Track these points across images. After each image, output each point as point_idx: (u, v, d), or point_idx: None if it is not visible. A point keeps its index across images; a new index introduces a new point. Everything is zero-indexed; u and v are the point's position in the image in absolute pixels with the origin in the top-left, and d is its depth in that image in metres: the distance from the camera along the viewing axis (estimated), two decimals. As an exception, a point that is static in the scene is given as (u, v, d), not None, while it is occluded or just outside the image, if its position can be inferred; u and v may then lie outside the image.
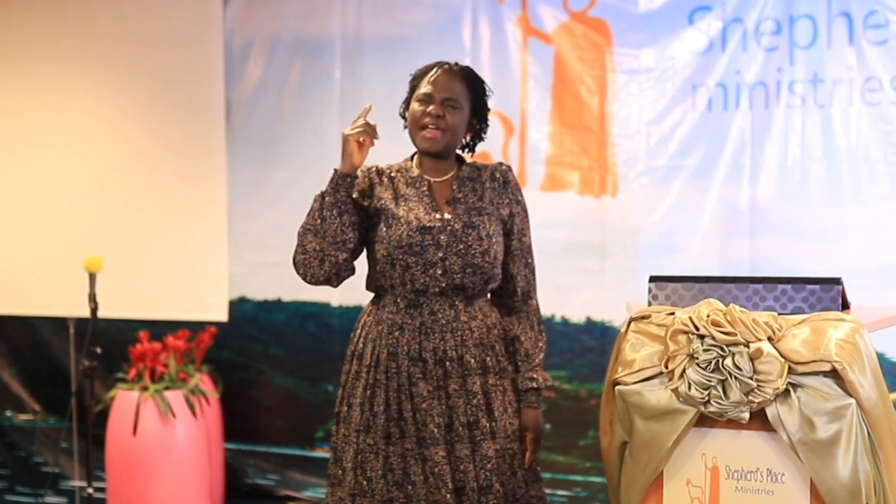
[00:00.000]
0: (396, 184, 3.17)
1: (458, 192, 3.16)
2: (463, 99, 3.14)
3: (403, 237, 3.05)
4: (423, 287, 3.06)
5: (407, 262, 3.05)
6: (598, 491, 4.94)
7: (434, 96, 3.11)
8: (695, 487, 2.53)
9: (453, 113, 3.10)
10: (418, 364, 3.06)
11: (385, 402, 3.07)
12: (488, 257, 3.10)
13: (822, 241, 4.59)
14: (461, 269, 3.07)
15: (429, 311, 3.08)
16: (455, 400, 3.06)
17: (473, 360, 3.09)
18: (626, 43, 4.91)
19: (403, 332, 3.08)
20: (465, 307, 3.11)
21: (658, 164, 4.85)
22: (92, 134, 5.85)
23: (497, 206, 3.18)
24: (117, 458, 5.12)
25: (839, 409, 2.35)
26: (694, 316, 2.46)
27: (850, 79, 4.54)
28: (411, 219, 3.08)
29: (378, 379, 3.08)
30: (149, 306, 5.69)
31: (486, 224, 3.12)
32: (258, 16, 5.56)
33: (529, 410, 3.17)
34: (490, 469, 3.05)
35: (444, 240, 3.07)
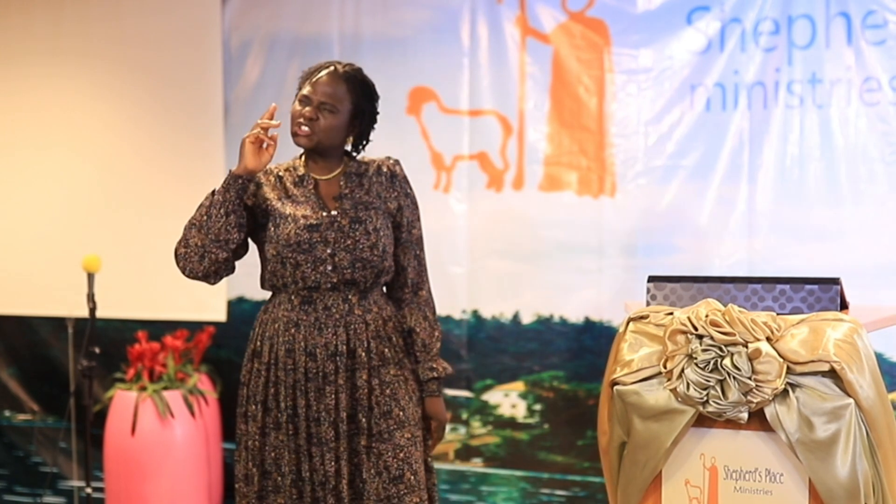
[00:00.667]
0: (284, 183, 3.23)
1: (345, 189, 3.21)
2: (342, 102, 3.18)
3: (291, 236, 3.11)
4: (315, 284, 3.12)
5: (297, 259, 3.11)
6: (597, 491, 4.94)
7: (312, 99, 3.17)
8: (693, 487, 2.53)
9: (328, 116, 3.16)
10: (312, 360, 3.11)
11: (284, 399, 3.12)
12: (377, 251, 3.16)
13: (820, 241, 4.59)
14: (350, 264, 3.12)
15: (322, 307, 3.14)
16: (340, 395, 3.11)
17: (366, 353, 3.14)
18: (624, 43, 4.91)
19: (299, 328, 3.14)
20: (358, 301, 3.17)
21: (656, 164, 4.85)
22: (90, 134, 5.84)
23: (385, 199, 3.23)
24: (116, 458, 5.12)
25: (838, 410, 2.35)
26: (692, 316, 2.46)
27: (849, 79, 4.54)
28: (298, 217, 3.13)
29: (278, 376, 3.14)
30: (147, 306, 5.69)
31: (372, 218, 3.18)
32: (256, 15, 5.56)
33: (433, 399, 3.27)
34: (402, 458, 3.13)
35: (332, 236, 3.12)
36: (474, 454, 5.19)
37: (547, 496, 5.06)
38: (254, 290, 5.59)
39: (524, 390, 5.09)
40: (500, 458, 5.15)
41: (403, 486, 3.13)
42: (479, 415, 5.17)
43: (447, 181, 5.15)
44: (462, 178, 5.15)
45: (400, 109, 5.20)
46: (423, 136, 5.17)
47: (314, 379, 3.11)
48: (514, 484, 5.08)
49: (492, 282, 5.13)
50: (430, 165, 5.16)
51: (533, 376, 5.06)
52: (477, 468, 5.19)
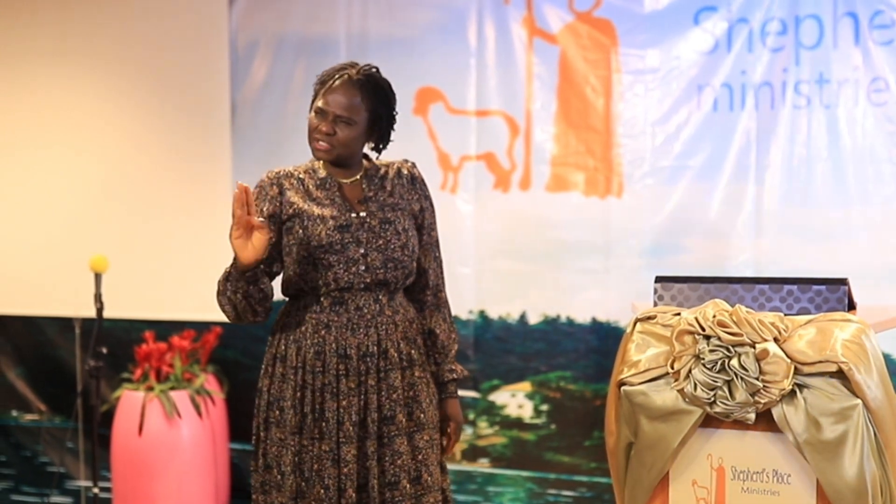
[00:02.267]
0: (306, 185, 3.20)
1: (368, 191, 3.20)
2: (357, 113, 3.13)
3: (323, 237, 3.09)
4: (348, 284, 3.10)
5: (329, 260, 3.09)
6: (604, 491, 4.94)
7: (327, 112, 3.12)
8: (700, 488, 2.53)
9: (345, 129, 3.11)
10: (344, 361, 3.09)
11: (312, 402, 3.10)
12: (407, 251, 3.16)
13: (827, 241, 4.58)
14: (383, 265, 3.11)
15: (354, 307, 3.12)
16: (370, 396, 3.09)
17: (398, 354, 3.14)
18: (631, 43, 4.90)
19: (330, 329, 3.11)
20: (388, 302, 3.16)
21: (663, 164, 4.85)
22: (97, 134, 5.85)
23: (408, 201, 3.23)
24: (123, 458, 5.13)
25: (845, 410, 2.34)
26: (700, 316, 2.46)
27: (856, 79, 4.53)
28: (327, 219, 3.11)
29: (306, 380, 3.11)
30: (154, 306, 5.69)
31: (400, 219, 3.17)
32: (263, 16, 5.56)
33: (452, 401, 3.29)
34: (420, 460, 3.13)
35: (364, 236, 3.11)
36: (481, 454, 5.19)
37: (553, 497, 5.06)
38: (261, 291, 5.61)
39: (531, 391, 5.09)
40: (506, 458, 5.15)
41: (421, 486, 3.13)
42: (486, 415, 5.17)
43: (454, 182, 5.15)
44: (469, 179, 5.15)
45: (407, 110, 5.19)
46: (430, 136, 5.18)
47: (343, 380, 3.09)
48: (521, 484, 5.08)
49: (499, 282, 5.13)
50: (437, 166, 5.16)
51: (540, 377, 5.06)
52: (484, 468, 5.19)
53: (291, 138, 5.51)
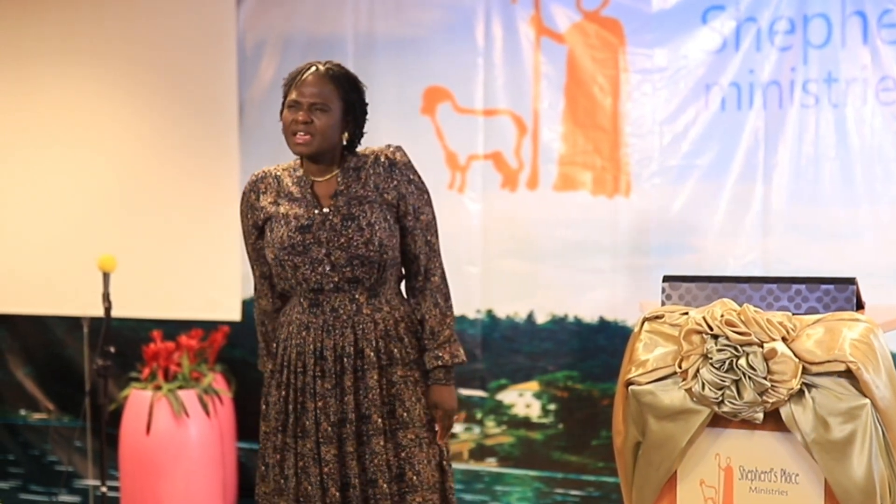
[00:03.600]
0: (282, 182, 3.21)
1: (341, 185, 3.17)
2: (332, 100, 3.13)
3: (285, 238, 3.11)
4: (318, 285, 3.10)
5: (294, 262, 3.10)
6: (611, 491, 4.94)
7: (301, 102, 3.12)
8: (708, 487, 2.53)
9: (321, 116, 3.11)
10: (321, 362, 3.12)
11: (294, 402, 3.13)
12: (372, 246, 3.09)
13: (836, 240, 4.58)
14: (348, 262, 3.09)
15: (330, 309, 3.12)
16: (347, 396, 3.10)
17: (374, 353, 3.11)
18: (639, 42, 4.90)
19: (309, 331, 3.13)
20: (367, 300, 3.14)
21: (671, 163, 4.85)
22: (104, 134, 5.86)
23: (382, 190, 3.16)
24: (131, 457, 5.13)
25: (854, 410, 2.34)
26: (708, 316, 2.45)
27: (865, 78, 4.52)
28: (290, 219, 3.13)
29: (289, 378, 3.15)
30: (162, 306, 5.70)
31: (367, 213, 3.12)
32: (271, 16, 5.57)
33: (437, 388, 3.18)
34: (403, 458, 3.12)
35: (325, 236, 3.10)
36: (488, 454, 5.19)
37: (561, 496, 5.05)
38: (268, 290, 5.62)
39: (538, 390, 5.09)
40: (514, 457, 5.14)
41: (404, 484, 3.12)
42: (494, 414, 5.17)
43: (462, 181, 5.15)
44: (476, 178, 5.14)
45: (414, 109, 5.20)
46: (438, 135, 5.18)
47: (323, 380, 3.11)
48: (529, 484, 5.08)
49: (506, 281, 5.13)
50: (444, 165, 5.16)
51: (547, 376, 5.06)
52: (491, 468, 5.18)
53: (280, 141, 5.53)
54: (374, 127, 5.28)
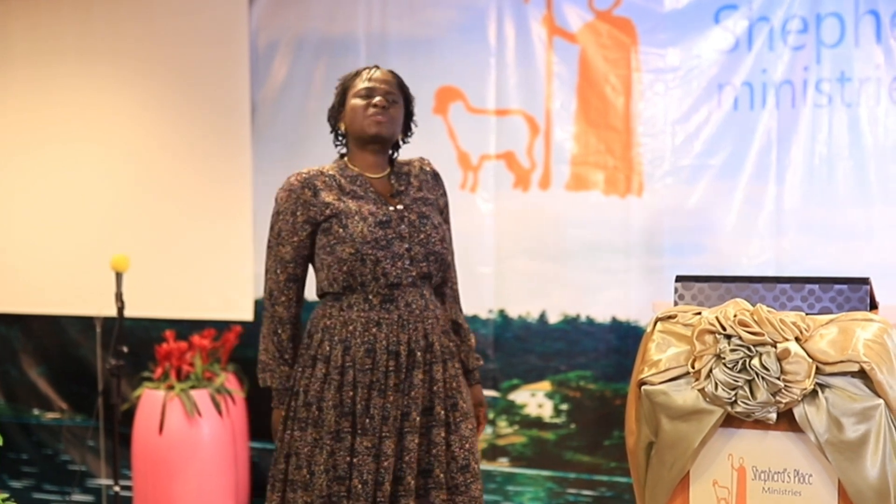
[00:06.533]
0: (338, 182, 3.21)
1: (399, 186, 3.23)
2: (399, 96, 3.25)
3: (366, 233, 3.11)
4: (397, 280, 3.13)
5: (376, 256, 3.11)
6: (624, 491, 4.93)
7: (376, 89, 3.20)
8: (721, 488, 2.52)
9: (395, 106, 3.22)
10: (394, 357, 3.12)
11: (363, 400, 3.11)
12: (445, 244, 3.23)
13: (849, 240, 4.57)
14: (425, 258, 3.16)
15: (404, 304, 3.15)
16: (418, 390, 3.13)
17: (440, 347, 3.18)
18: (651, 42, 4.89)
19: (381, 327, 3.13)
20: (430, 296, 3.22)
21: (684, 163, 4.84)
22: (117, 133, 5.87)
23: (435, 196, 3.30)
24: (143, 457, 5.14)
25: (867, 410, 2.33)
26: (721, 316, 2.45)
27: (878, 77, 4.51)
28: (366, 215, 3.14)
29: (356, 378, 3.12)
30: (175, 305, 5.71)
31: (433, 214, 3.24)
32: (284, 15, 5.57)
33: (478, 387, 3.39)
34: (468, 448, 3.17)
35: (405, 231, 3.15)
36: (501, 454, 5.19)
37: (574, 496, 5.05)
38: (281, 290, 5.62)
39: (551, 390, 5.09)
40: (526, 457, 5.14)
41: (470, 474, 3.17)
42: (506, 414, 5.17)
43: (474, 181, 5.15)
44: (489, 178, 5.14)
45: (427, 109, 5.19)
46: (450, 135, 5.18)
47: (392, 376, 3.12)
48: (541, 484, 5.08)
49: (518, 281, 5.13)
50: (456, 165, 5.16)
51: (559, 376, 5.06)
52: (503, 468, 5.18)
53: (311, 138, 5.53)
54: (386, 127, 5.34)
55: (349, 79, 3.28)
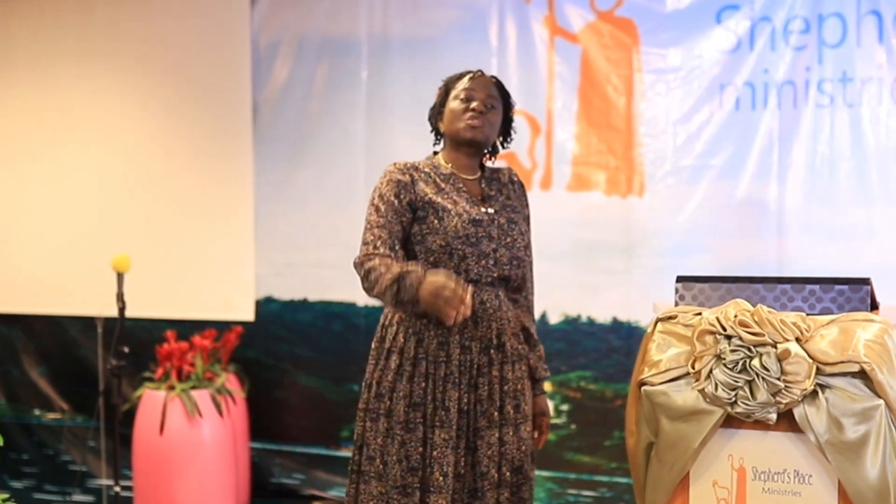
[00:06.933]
0: (433, 178, 3.23)
1: (489, 190, 3.29)
2: (498, 102, 3.28)
3: (459, 228, 3.15)
4: (477, 277, 3.16)
5: (464, 252, 3.14)
6: (624, 491, 4.93)
7: (475, 94, 3.23)
8: (721, 488, 2.52)
9: (492, 112, 3.25)
10: (467, 353, 3.15)
11: (433, 391, 3.13)
12: (529, 251, 3.31)
13: (850, 241, 4.56)
14: (509, 261, 3.20)
15: (479, 301, 3.17)
16: (494, 386, 3.17)
17: (512, 348, 3.22)
18: (653, 42, 4.89)
19: None
20: (504, 297, 3.25)
21: (685, 163, 4.84)
22: (119, 134, 5.88)
23: (522, 206, 3.35)
24: (144, 457, 5.14)
25: (868, 411, 2.33)
26: (721, 316, 2.45)
27: (880, 77, 4.51)
28: (461, 211, 3.17)
29: (428, 369, 3.15)
30: (176, 306, 5.72)
31: (520, 221, 3.29)
32: (285, 16, 5.58)
33: (544, 397, 3.40)
34: (524, 451, 3.20)
35: (495, 232, 3.19)
36: (502, 454, 5.18)
37: (574, 496, 5.05)
38: (282, 291, 5.64)
39: (551, 390, 5.08)
40: (527, 458, 5.13)
41: (521, 476, 3.19)
42: (507, 415, 5.15)
43: (475, 181, 5.14)
44: (490, 178, 5.13)
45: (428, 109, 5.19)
46: (451, 135, 5.17)
47: (466, 372, 3.14)
48: (541, 484, 5.07)
49: (519, 282, 5.12)
50: (457, 165, 5.15)
51: (560, 376, 5.05)
52: (504, 468, 5.17)
53: (313, 138, 5.54)
54: (388, 127, 5.35)
55: (452, 80, 3.32)
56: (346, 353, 5.49)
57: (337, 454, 5.54)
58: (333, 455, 5.56)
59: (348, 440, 5.44)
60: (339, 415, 5.52)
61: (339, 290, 5.51)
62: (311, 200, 5.53)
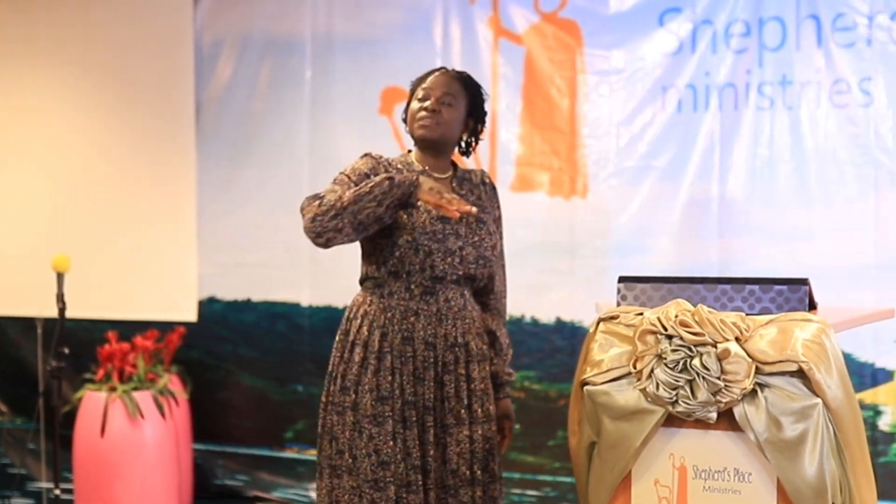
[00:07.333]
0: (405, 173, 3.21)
1: (460, 189, 3.30)
2: (458, 98, 3.26)
3: (427, 224, 3.15)
4: (442, 274, 3.17)
5: (430, 248, 3.14)
6: (567, 491, 4.95)
7: (431, 92, 3.24)
8: (663, 487, 2.54)
9: (448, 109, 3.24)
10: (431, 349, 3.15)
11: (400, 387, 3.14)
12: (496, 251, 3.30)
13: (789, 241, 4.61)
14: (475, 260, 3.21)
15: (444, 299, 3.18)
16: (461, 384, 3.18)
17: (475, 347, 3.22)
18: (596, 44, 4.92)
19: (419, 317, 3.16)
20: (469, 297, 3.26)
21: (628, 164, 4.87)
22: (60, 134, 5.81)
23: (492, 208, 3.35)
24: (85, 459, 5.09)
25: (806, 409, 2.36)
26: (662, 316, 2.46)
27: (819, 81, 4.56)
28: (429, 207, 3.16)
29: (393, 364, 3.15)
30: (117, 306, 5.66)
31: (489, 222, 3.29)
32: (229, 15, 5.54)
33: (507, 401, 3.39)
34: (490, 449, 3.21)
35: (462, 231, 3.20)
36: (446, 455, 5.18)
37: (518, 496, 5.06)
38: (225, 291, 5.61)
39: (502, 391, 5.09)
40: (471, 458, 5.14)
41: (488, 474, 3.21)
42: (451, 415, 5.16)
43: (419, 181, 5.14)
44: (434, 179, 5.14)
45: (372, 109, 5.19)
46: (395, 136, 5.17)
47: (430, 368, 3.15)
48: (486, 484, 5.08)
49: (464, 282, 5.13)
50: (402, 166, 5.15)
51: (505, 377, 5.06)
52: (448, 469, 5.17)
53: (257, 137, 5.51)
54: (332, 127, 5.33)
55: (417, 81, 3.34)
56: (290, 354, 5.47)
57: (281, 455, 5.51)
58: (277, 456, 5.53)
59: (293, 441, 5.42)
60: (284, 415, 5.49)
61: (283, 291, 5.49)
62: (254, 200, 5.50)
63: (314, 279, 5.36)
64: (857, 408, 2.46)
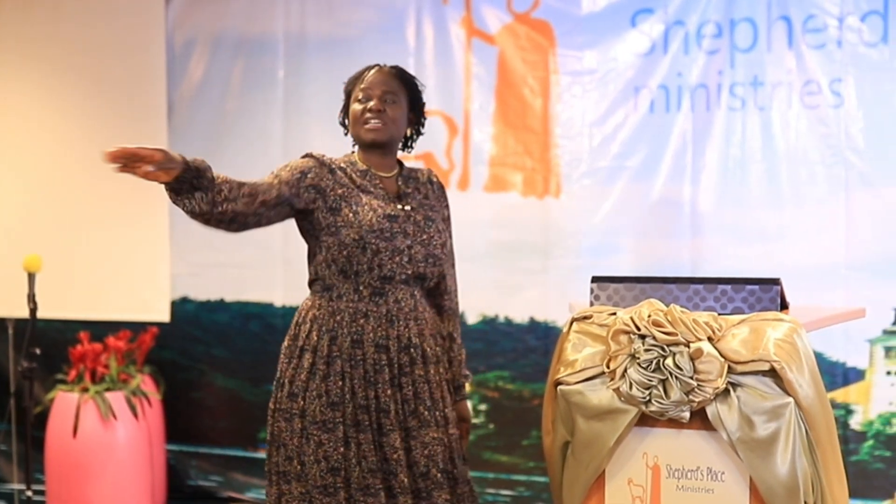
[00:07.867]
0: (349, 174, 3.20)
1: (406, 188, 3.25)
2: (399, 94, 3.23)
3: (374, 222, 3.11)
4: (391, 274, 3.12)
5: (378, 246, 3.10)
6: (541, 490, 4.96)
7: (372, 92, 3.19)
8: (636, 486, 2.55)
9: (393, 106, 3.20)
10: (383, 351, 3.10)
11: (351, 391, 3.08)
12: (445, 249, 3.26)
13: (761, 242, 4.64)
14: (424, 259, 3.16)
15: (394, 300, 3.14)
16: (421, 386, 3.14)
17: (430, 349, 3.19)
18: (569, 44, 4.93)
19: (369, 319, 3.11)
20: (420, 297, 3.21)
21: (600, 165, 4.88)
22: (32, 134, 5.78)
23: (440, 207, 3.32)
24: (57, 461, 5.06)
25: (778, 408, 2.38)
26: (635, 316, 2.48)
27: (790, 82, 4.59)
28: (376, 206, 3.14)
29: (343, 368, 3.10)
30: (89, 307, 5.63)
31: (437, 220, 3.25)
32: (201, 14, 5.52)
33: (465, 403, 3.37)
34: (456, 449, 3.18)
35: (410, 229, 3.16)
36: (419, 454, 5.19)
37: (492, 496, 5.07)
38: (198, 291, 5.59)
39: (469, 390, 5.08)
40: (445, 458, 5.14)
41: (452, 477, 3.15)
42: (425, 415, 5.16)
43: (393, 181, 5.14)
44: (407, 179, 5.14)
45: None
46: (369, 136, 5.17)
47: (383, 371, 3.10)
48: (460, 484, 5.09)
49: (437, 282, 5.13)
50: (375, 166, 5.15)
51: (478, 376, 5.07)
52: (422, 468, 5.18)
53: (229, 136, 5.49)
54: (305, 126, 5.32)
55: (351, 81, 3.30)
56: (264, 354, 5.45)
57: (255, 456, 5.50)
58: (251, 457, 5.52)
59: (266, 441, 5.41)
60: (257, 416, 5.47)
61: (256, 291, 5.48)
62: (227, 200, 5.48)
63: (287, 279, 5.35)
64: (829, 407, 2.48)
